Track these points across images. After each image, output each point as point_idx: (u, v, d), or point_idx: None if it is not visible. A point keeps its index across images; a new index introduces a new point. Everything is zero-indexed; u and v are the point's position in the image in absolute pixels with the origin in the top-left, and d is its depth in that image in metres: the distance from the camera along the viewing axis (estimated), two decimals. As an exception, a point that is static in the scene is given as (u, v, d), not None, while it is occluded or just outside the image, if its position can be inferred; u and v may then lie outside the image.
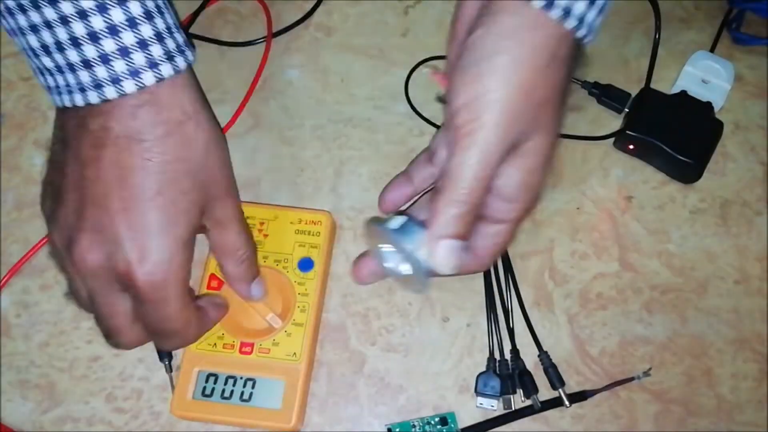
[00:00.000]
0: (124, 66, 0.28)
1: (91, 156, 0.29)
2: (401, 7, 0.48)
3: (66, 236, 0.30)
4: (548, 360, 0.37)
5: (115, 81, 0.28)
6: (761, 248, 0.41)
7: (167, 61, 0.29)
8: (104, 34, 0.28)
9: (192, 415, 0.36)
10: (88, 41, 0.28)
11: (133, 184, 0.29)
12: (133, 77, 0.28)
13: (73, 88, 0.29)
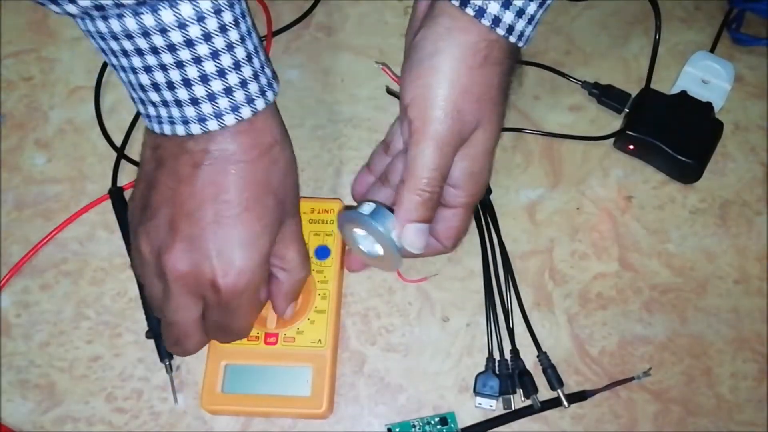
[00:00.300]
0: (227, 103, 0.31)
1: (187, 174, 0.32)
2: (401, 8, 0.48)
3: (157, 246, 0.32)
4: (547, 360, 0.37)
5: (218, 116, 0.31)
6: (761, 248, 0.41)
7: (261, 96, 0.32)
8: (214, 76, 0.30)
9: (223, 409, 0.37)
10: (198, 83, 0.30)
11: (225, 200, 0.32)
12: (234, 112, 0.31)
13: (176, 120, 0.31)
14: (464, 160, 0.34)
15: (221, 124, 0.31)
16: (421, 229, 0.34)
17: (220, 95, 0.31)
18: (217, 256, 0.31)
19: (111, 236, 0.42)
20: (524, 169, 0.43)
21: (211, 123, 0.31)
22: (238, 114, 0.31)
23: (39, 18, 0.48)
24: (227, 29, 0.30)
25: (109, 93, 0.46)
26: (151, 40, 0.29)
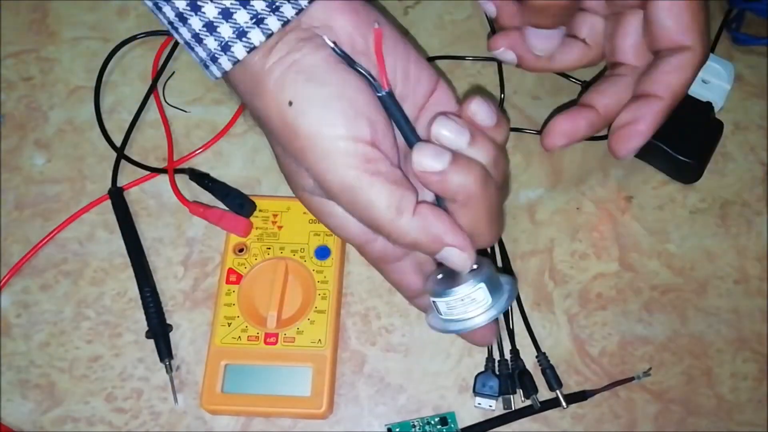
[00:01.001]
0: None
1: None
2: (401, 8, 0.48)
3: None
4: (546, 361, 0.37)
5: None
6: (761, 248, 0.41)
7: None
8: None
9: (223, 409, 0.37)
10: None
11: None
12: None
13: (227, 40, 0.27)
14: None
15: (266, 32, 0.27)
16: (543, 35, 0.33)
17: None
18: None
19: (111, 236, 0.42)
20: (524, 169, 0.43)
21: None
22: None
23: (39, 18, 0.48)
24: None
25: (108, 93, 0.46)
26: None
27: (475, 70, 0.45)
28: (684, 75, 0.33)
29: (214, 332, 0.38)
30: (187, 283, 0.40)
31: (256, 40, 0.27)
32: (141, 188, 0.43)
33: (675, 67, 0.33)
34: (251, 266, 0.39)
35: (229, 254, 0.39)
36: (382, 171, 0.27)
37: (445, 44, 0.46)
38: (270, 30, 0.27)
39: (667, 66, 0.33)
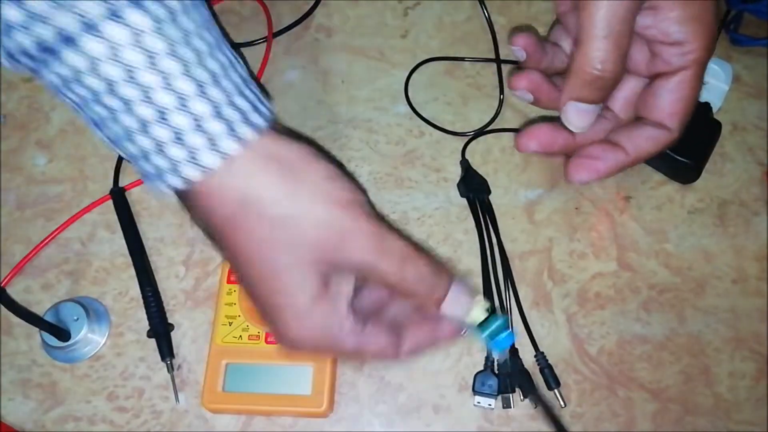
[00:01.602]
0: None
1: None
2: (401, 9, 0.48)
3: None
4: (544, 360, 0.38)
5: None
6: (759, 248, 0.41)
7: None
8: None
9: (224, 407, 0.37)
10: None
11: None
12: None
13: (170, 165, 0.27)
14: (679, 7, 0.31)
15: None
16: (583, 110, 0.32)
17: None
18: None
19: (113, 236, 0.42)
20: (523, 169, 0.43)
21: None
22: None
23: (40, 19, 0.48)
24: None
25: (110, 94, 0.46)
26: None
27: (475, 71, 0.46)
28: (655, 147, 0.36)
29: (216, 331, 0.38)
30: (188, 282, 0.41)
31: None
32: (142, 188, 0.43)
33: (651, 138, 0.36)
34: (252, 266, 0.39)
35: None
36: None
37: (445, 45, 0.46)
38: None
39: (645, 133, 0.36)
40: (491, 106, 0.44)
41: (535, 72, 0.37)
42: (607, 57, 0.31)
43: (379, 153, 0.44)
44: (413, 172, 0.43)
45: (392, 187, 0.43)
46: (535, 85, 0.36)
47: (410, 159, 0.43)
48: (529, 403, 0.37)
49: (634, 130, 0.36)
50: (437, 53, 0.46)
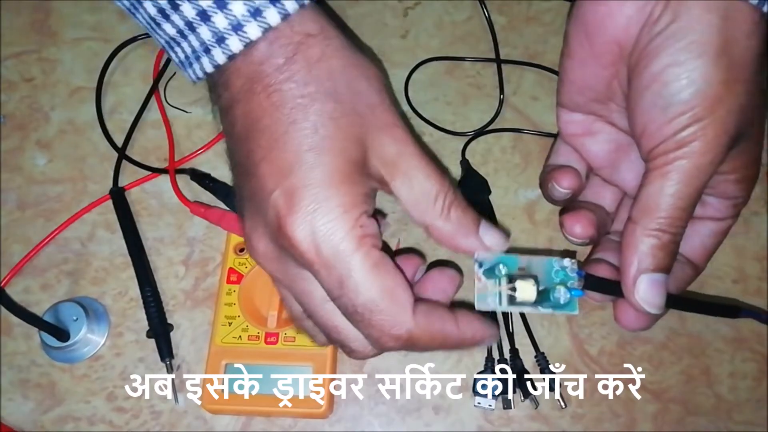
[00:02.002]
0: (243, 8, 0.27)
1: (225, 117, 0.29)
2: (401, 8, 0.48)
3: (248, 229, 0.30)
4: (545, 361, 0.37)
5: (236, 29, 0.27)
6: (759, 248, 0.41)
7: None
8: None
9: (223, 408, 0.37)
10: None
11: (264, 127, 0.28)
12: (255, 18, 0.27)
13: (198, 50, 0.28)
14: (734, 172, 0.31)
15: (243, 40, 0.27)
16: (658, 281, 0.29)
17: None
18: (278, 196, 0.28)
19: (112, 236, 0.42)
20: (523, 170, 0.43)
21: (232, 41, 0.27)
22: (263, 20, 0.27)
23: (40, 18, 0.48)
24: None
25: (110, 94, 0.46)
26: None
27: (475, 70, 0.46)
28: (682, 285, 0.34)
29: (215, 332, 0.38)
30: (187, 282, 0.41)
31: (253, 35, 0.27)
32: (142, 188, 0.43)
33: (680, 278, 0.34)
34: (252, 266, 0.39)
35: (229, 254, 0.40)
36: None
37: (445, 45, 0.46)
38: (267, 23, 0.27)
39: (676, 270, 0.33)
40: (491, 106, 0.44)
41: (591, 214, 0.34)
42: (681, 223, 0.29)
43: (379, 153, 0.44)
44: (413, 172, 0.43)
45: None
46: (596, 230, 0.34)
47: (410, 159, 0.43)
48: (529, 403, 0.37)
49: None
50: (437, 53, 0.46)
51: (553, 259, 0.31)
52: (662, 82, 0.28)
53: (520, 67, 0.45)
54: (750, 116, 0.29)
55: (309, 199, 0.27)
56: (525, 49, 0.46)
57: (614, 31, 0.30)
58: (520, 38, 0.46)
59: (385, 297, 0.28)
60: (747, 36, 0.28)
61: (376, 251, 0.28)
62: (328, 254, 0.27)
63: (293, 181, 0.27)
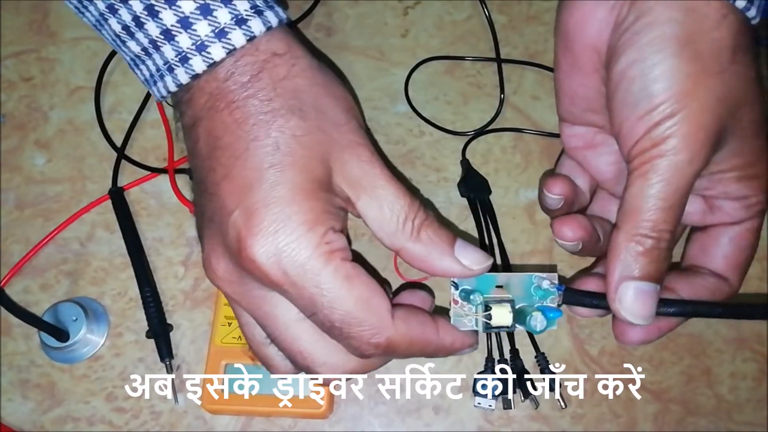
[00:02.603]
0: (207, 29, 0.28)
1: (188, 135, 0.29)
2: (401, 8, 0.48)
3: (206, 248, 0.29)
4: (545, 361, 0.37)
5: (200, 49, 0.28)
6: (760, 248, 0.40)
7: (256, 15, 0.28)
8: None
9: (223, 408, 0.37)
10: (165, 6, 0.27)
11: (226, 144, 0.27)
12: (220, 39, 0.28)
13: (162, 69, 0.29)
14: (733, 171, 0.30)
15: (206, 60, 0.27)
16: (644, 291, 0.28)
17: (195, 19, 0.27)
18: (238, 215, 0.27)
19: (111, 236, 0.42)
20: (524, 169, 0.43)
21: (195, 61, 0.27)
22: (227, 43, 0.27)
23: (39, 18, 0.48)
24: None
25: (109, 93, 0.46)
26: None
27: (475, 70, 0.46)
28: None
29: (215, 332, 0.38)
30: (187, 282, 0.41)
31: (217, 56, 0.27)
32: (141, 188, 0.43)
33: (711, 291, 0.33)
34: (251, 266, 0.39)
35: None
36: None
37: (445, 44, 0.46)
38: (232, 45, 0.27)
39: (705, 284, 0.33)
40: (492, 106, 0.44)
41: (583, 217, 0.32)
42: (665, 227, 0.28)
43: (379, 153, 0.43)
44: (413, 172, 0.43)
45: (392, 187, 0.42)
46: (587, 233, 0.32)
47: (410, 159, 0.43)
48: (529, 404, 0.37)
49: (692, 279, 0.32)
50: (437, 52, 0.46)
51: (533, 275, 0.31)
52: (629, 79, 0.28)
53: (521, 67, 0.45)
54: (732, 110, 0.28)
55: (270, 218, 0.26)
56: (525, 48, 0.46)
57: (590, 36, 0.30)
58: (520, 38, 0.46)
59: (362, 307, 0.27)
60: (713, 28, 0.27)
61: (346, 263, 0.27)
62: (296, 274, 0.27)
63: (254, 199, 0.27)
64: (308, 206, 0.27)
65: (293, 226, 0.26)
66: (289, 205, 0.27)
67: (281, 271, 0.27)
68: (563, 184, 0.34)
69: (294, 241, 0.26)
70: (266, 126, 0.27)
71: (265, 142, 0.27)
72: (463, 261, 0.29)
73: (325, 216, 0.27)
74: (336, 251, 0.27)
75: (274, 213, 0.26)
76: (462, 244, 0.29)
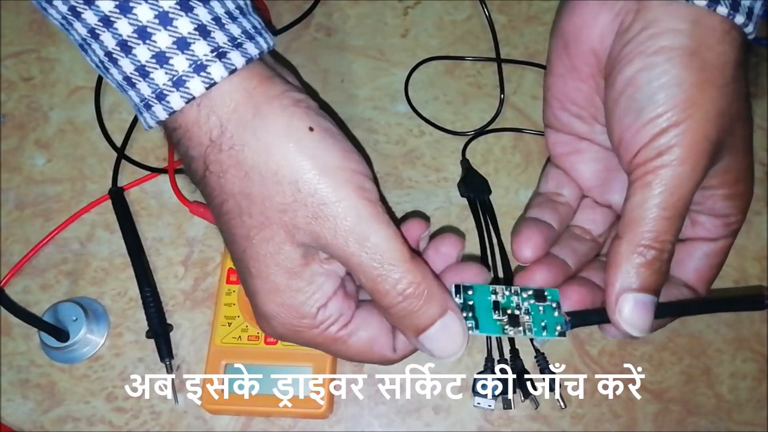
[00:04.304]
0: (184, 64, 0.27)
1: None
2: (401, 8, 0.48)
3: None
4: (545, 361, 0.37)
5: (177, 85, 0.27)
6: (760, 248, 0.41)
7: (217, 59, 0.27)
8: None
9: (223, 408, 0.37)
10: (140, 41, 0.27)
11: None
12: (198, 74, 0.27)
13: (148, 97, 0.29)
14: (722, 188, 0.30)
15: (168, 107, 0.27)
16: (644, 303, 0.27)
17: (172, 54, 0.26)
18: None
19: (111, 236, 0.42)
20: (524, 169, 0.43)
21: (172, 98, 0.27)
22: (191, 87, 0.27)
23: (39, 18, 0.48)
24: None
25: (109, 93, 0.46)
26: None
27: (475, 70, 0.46)
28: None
29: (215, 332, 0.38)
30: (187, 282, 0.41)
31: (196, 91, 0.27)
32: (141, 188, 0.43)
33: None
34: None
35: (229, 254, 0.39)
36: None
37: (445, 44, 0.46)
38: (212, 79, 0.27)
39: (675, 294, 0.33)
40: (492, 106, 0.44)
41: (545, 270, 0.32)
42: (667, 237, 0.28)
43: (379, 152, 0.43)
44: (413, 172, 0.43)
45: (392, 187, 0.42)
46: (550, 282, 0.32)
47: (410, 159, 0.43)
48: (529, 404, 0.37)
49: (664, 289, 0.31)
50: (437, 52, 0.46)
51: (538, 336, 0.30)
52: (635, 86, 0.28)
53: (521, 67, 0.45)
54: (729, 124, 0.28)
55: (263, 313, 0.29)
56: (525, 48, 0.46)
57: (590, 42, 0.30)
58: (520, 38, 0.46)
59: (363, 356, 0.31)
60: (718, 42, 0.28)
61: (342, 332, 0.30)
62: (304, 342, 0.30)
63: (248, 294, 0.30)
64: (288, 303, 0.29)
65: (285, 320, 0.29)
66: (271, 307, 0.29)
67: (293, 340, 0.31)
68: (533, 247, 0.33)
69: (289, 331, 0.30)
70: (232, 230, 0.29)
71: (237, 245, 0.29)
72: (425, 346, 0.29)
73: (311, 300, 0.29)
74: (330, 326, 0.30)
75: (264, 311, 0.29)
76: (434, 331, 0.29)
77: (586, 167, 0.35)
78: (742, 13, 0.27)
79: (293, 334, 0.30)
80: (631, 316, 0.27)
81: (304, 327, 0.29)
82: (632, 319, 0.28)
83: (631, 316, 0.27)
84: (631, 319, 0.28)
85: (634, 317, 0.27)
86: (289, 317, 0.29)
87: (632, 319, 0.27)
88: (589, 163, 0.35)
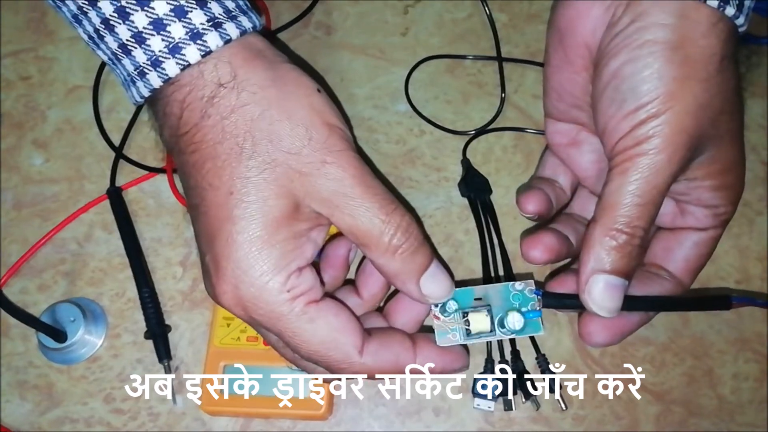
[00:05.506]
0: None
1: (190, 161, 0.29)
2: (401, 6, 0.47)
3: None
4: (546, 363, 0.37)
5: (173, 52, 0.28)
6: (762, 248, 0.41)
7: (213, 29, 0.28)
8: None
9: (222, 410, 0.36)
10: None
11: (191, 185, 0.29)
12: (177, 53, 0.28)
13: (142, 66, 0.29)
14: (710, 178, 0.30)
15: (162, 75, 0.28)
16: (614, 285, 0.28)
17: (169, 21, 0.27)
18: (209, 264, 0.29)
19: (109, 236, 0.41)
20: (525, 169, 0.43)
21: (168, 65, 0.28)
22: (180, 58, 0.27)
23: (37, 17, 0.48)
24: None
25: (107, 92, 0.45)
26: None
27: (476, 69, 0.45)
28: None
29: (213, 333, 0.38)
30: (185, 283, 0.40)
31: (193, 58, 0.27)
32: (139, 188, 0.43)
33: (665, 292, 0.33)
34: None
35: None
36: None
37: (446, 43, 0.46)
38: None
39: (660, 286, 0.33)
40: (492, 105, 0.44)
41: (550, 237, 0.34)
42: (639, 223, 0.28)
43: (379, 152, 0.43)
44: (413, 172, 0.43)
45: (392, 187, 0.42)
46: (553, 254, 0.34)
47: (410, 158, 0.43)
48: (530, 405, 0.37)
49: (648, 279, 0.33)
50: (438, 51, 0.46)
51: (509, 284, 0.32)
52: (620, 78, 0.29)
53: (522, 66, 0.45)
54: (713, 117, 0.29)
55: (231, 271, 0.28)
56: (526, 47, 0.45)
57: (583, 34, 0.31)
58: (521, 36, 0.46)
59: (327, 347, 0.29)
60: (703, 35, 0.28)
61: (310, 307, 0.28)
62: (262, 319, 0.28)
63: (216, 250, 0.28)
64: (266, 254, 0.28)
65: (253, 277, 0.28)
66: (246, 258, 0.27)
67: (248, 316, 0.29)
68: (536, 202, 0.35)
69: (256, 292, 0.28)
70: (219, 172, 0.28)
71: (220, 191, 0.28)
72: (424, 290, 0.30)
73: (289, 256, 0.28)
74: (299, 296, 0.28)
75: (232, 267, 0.28)
76: (432, 272, 0.30)
77: (584, 158, 0.36)
78: (732, 5, 0.28)
79: (253, 300, 0.28)
80: (601, 297, 0.28)
81: (273, 290, 0.27)
82: (602, 300, 0.28)
83: (600, 297, 0.28)
84: (601, 300, 0.28)
85: (603, 298, 0.28)
86: (260, 272, 0.27)
87: (602, 300, 0.28)
88: (587, 155, 0.36)
